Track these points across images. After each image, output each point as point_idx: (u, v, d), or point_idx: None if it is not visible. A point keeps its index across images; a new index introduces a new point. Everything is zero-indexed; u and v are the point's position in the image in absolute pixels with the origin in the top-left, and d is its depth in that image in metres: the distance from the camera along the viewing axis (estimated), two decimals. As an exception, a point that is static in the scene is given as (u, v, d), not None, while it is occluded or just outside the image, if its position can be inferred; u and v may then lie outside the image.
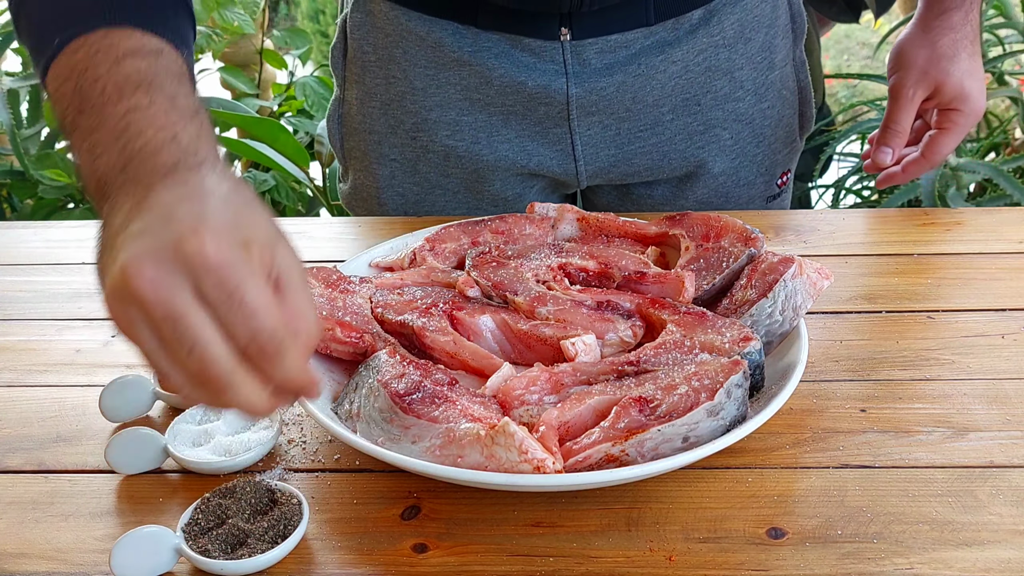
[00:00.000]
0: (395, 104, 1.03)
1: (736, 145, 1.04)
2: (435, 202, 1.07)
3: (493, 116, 1.01)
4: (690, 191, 1.07)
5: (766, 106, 1.04)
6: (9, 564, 0.58)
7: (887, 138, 1.00)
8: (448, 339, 0.70)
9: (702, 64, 0.99)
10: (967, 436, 0.66)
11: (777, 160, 1.09)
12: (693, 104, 1.01)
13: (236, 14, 1.97)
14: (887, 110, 1.01)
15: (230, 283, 0.48)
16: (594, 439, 0.58)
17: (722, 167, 1.05)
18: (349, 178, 1.12)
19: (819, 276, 0.72)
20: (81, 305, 0.90)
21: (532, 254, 0.80)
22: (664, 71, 0.98)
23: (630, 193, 1.08)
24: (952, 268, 0.91)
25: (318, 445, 0.68)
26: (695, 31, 0.98)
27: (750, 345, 0.64)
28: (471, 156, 1.02)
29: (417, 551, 0.58)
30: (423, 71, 1.00)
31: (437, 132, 1.02)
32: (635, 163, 1.03)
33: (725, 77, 1.01)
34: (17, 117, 2.12)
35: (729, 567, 0.56)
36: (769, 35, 1.02)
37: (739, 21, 0.99)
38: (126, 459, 0.65)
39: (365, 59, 1.03)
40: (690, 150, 1.03)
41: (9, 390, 0.77)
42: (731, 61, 1.00)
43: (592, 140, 1.01)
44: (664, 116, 1.01)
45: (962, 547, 0.56)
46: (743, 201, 1.08)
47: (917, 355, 0.76)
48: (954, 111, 0.97)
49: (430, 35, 0.98)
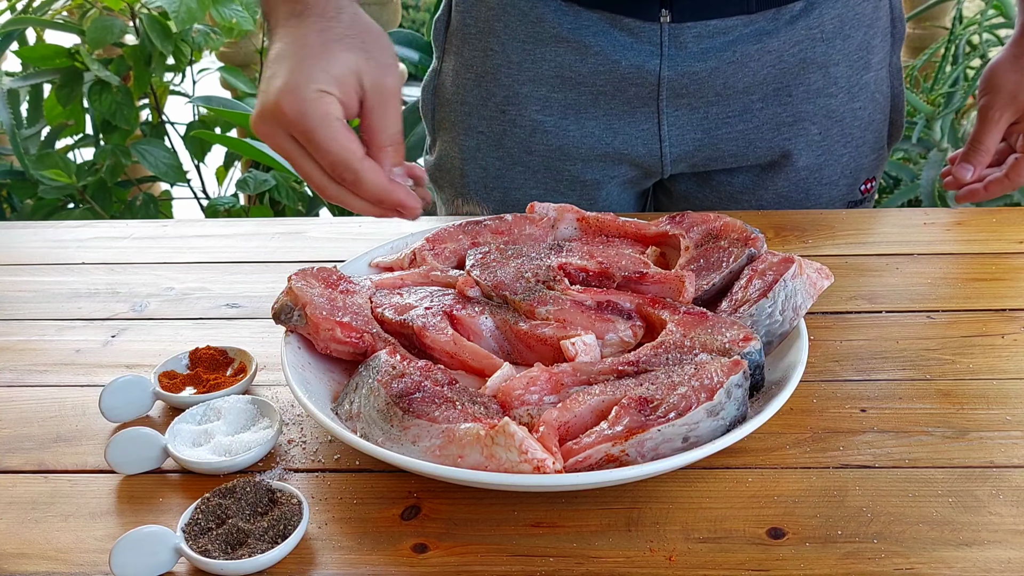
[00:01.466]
0: (489, 76, 1.05)
1: (823, 141, 1.05)
2: (515, 178, 1.08)
3: (583, 95, 1.02)
4: (771, 182, 1.07)
5: (857, 106, 1.05)
6: (9, 564, 0.58)
7: (971, 156, 1.02)
8: (448, 339, 0.70)
9: (797, 55, 1.00)
10: (967, 436, 0.66)
11: (863, 164, 1.09)
12: (784, 94, 1.02)
13: (235, 11, 1.97)
14: (974, 130, 1.02)
15: (305, 131, 0.69)
16: (594, 439, 0.58)
17: (806, 161, 1.05)
18: (436, 150, 1.14)
19: (819, 276, 0.72)
20: (81, 305, 0.90)
21: (532, 254, 0.79)
22: (758, 59, 0.99)
23: (710, 180, 1.09)
24: (952, 268, 0.91)
25: (318, 445, 0.68)
26: (794, 22, 0.98)
27: (750, 345, 0.64)
28: (557, 132, 1.04)
29: (417, 551, 0.58)
30: (521, 45, 1.02)
31: (527, 107, 1.04)
32: (720, 148, 1.04)
33: (819, 71, 1.01)
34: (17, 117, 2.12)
35: (729, 567, 0.56)
36: (868, 35, 1.03)
37: (839, 16, 1.00)
38: (126, 459, 0.65)
39: (466, 31, 1.05)
40: (776, 140, 1.04)
41: (9, 390, 0.77)
42: (827, 56, 1.01)
43: (679, 122, 1.02)
44: (754, 104, 1.02)
45: (962, 547, 0.56)
46: (824, 201, 1.09)
47: (917, 355, 0.76)
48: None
49: (533, 10, 1.00)
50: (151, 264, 0.99)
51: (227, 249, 1.02)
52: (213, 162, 2.32)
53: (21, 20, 2.12)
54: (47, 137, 2.18)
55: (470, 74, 1.06)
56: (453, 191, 1.13)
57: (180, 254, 1.01)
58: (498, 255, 0.80)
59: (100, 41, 1.94)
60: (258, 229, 1.07)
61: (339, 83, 0.70)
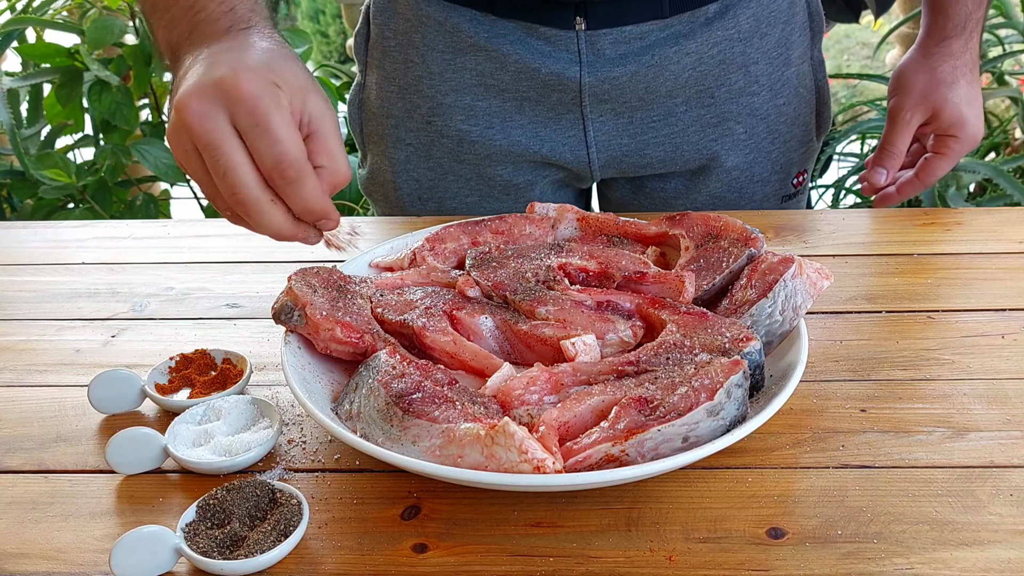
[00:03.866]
0: (412, 88, 1.04)
1: (750, 140, 1.05)
2: (447, 188, 1.08)
3: (507, 102, 1.02)
4: (703, 185, 1.07)
5: (781, 103, 1.05)
6: (9, 564, 0.58)
7: (883, 159, 1.03)
8: (448, 339, 0.70)
9: (716, 57, 1.00)
10: (967, 436, 0.66)
11: (792, 159, 1.09)
12: (707, 96, 1.02)
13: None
14: (884, 132, 1.03)
15: (259, 113, 0.59)
16: (594, 439, 0.58)
17: (736, 162, 1.05)
18: (367, 163, 1.14)
19: (819, 276, 0.72)
20: (81, 305, 0.90)
21: (532, 254, 0.80)
22: (678, 62, 0.99)
23: (644, 187, 1.09)
24: (952, 268, 0.91)
25: (318, 445, 0.68)
26: (710, 24, 0.99)
27: (750, 345, 0.64)
28: (484, 141, 1.04)
29: (417, 551, 0.58)
30: (440, 55, 1.02)
31: (452, 117, 1.03)
32: (648, 154, 1.04)
33: (740, 71, 1.01)
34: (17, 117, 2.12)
35: (729, 567, 0.56)
36: (786, 31, 1.03)
37: (755, 15, 1.00)
38: (126, 459, 0.65)
39: (386, 44, 1.05)
40: (703, 142, 1.04)
41: (9, 390, 0.77)
42: (746, 55, 1.01)
43: (604, 128, 1.02)
44: (677, 107, 1.02)
45: (962, 547, 0.56)
46: (757, 199, 1.09)
47: (917, 355, 0.76)
48: (951, 137, 0.99)
49: (448, 20, 1.00)
50: (151, 264, 0.99)
51: (227, 249, 1.02)
52: (213, 162, 2.32)
53: (21, 20, 2.12)
54: (47, 137, 2.18)
55: (393, 87, 1.06)
56: (387, 204, 1.13)
57: (180, 254, 1.01)
58: (498, 255, 0.80)
59: (100, 41, 1.94)
60: (258, 229, 1.07)
61: (291, 91, 0.62)
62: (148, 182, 2.30)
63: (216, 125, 0.60)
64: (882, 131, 1.05)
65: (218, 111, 0.60)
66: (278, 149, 0.60)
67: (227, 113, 0.60)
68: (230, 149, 0.60)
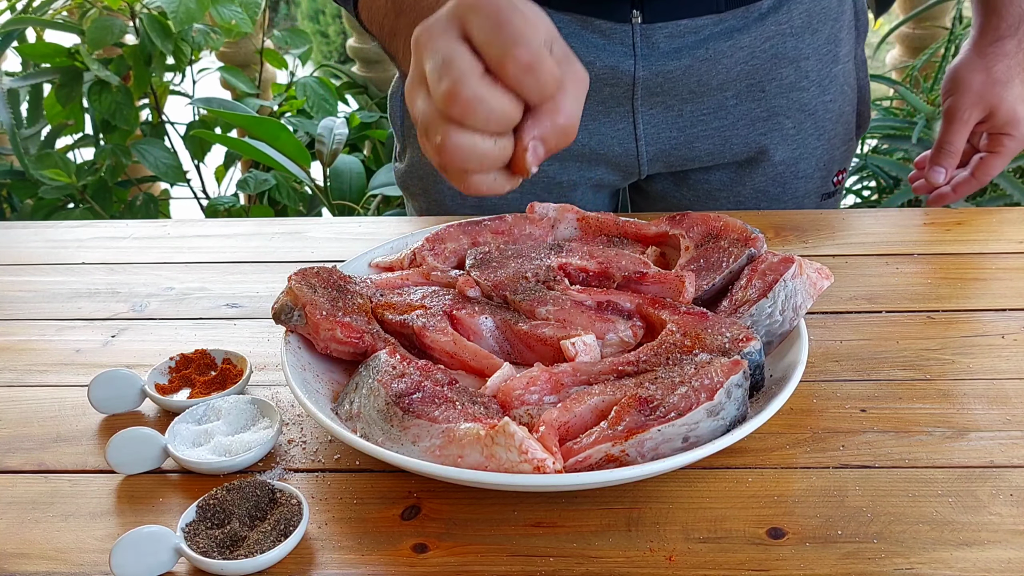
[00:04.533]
0: None
1: (798, 135, 1.06)
2: None
3: None
4: (748, 179, 1.08)
5: (828, 99, 1.06)
6: (9, 564, 0.58)
7: (941, 158, 1.04)
8: (448, 339, 0.70)
9: (768, 51, 1.01)
10: (967, 436, 0.66)
11: (835, 156, 1.10)
12: (757, 90, 1.02)
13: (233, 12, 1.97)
14: (941, 131, 1.04)
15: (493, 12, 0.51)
16: (594, 439, 0.58)
17: (783, 156, 1.06)
18: (406, 157, 1.13)
19: (819, 276, 0.72)
20: (81, 305, 0.90)
21: (532, 254, 0.79)
22: (731, 56, 0.99)
23: (687, 179, 1.09)
24: (952, 268, 0.91)
25: (318, 445, 0.68)
26: (764, 18, 0.99)
27: (750, 345, 0.64)
28: None
29: (417, 551, 0.58)
30: None
31: None
32: (697, 147, 1.05)
33: (791, 66, 1.02)
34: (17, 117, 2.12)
35: (729, 567, 0.56)
36: (835, 28, 1.04)
37: (807, 11, 1.01)
38: (126, 459, 0.65)
39: None
40: (752, 136, 1.05)
41: (9, 390, 0.77)
42: (797, 50, 1.02)
43: (654, 121, 1.03)
44: (728, 100, 1.02)
45: (962, 547, 0.56)
46: (800, 195, 1.10)
47: (917, 355, 0.76)
48: (1005, 135, 1.01)
49: None
50: (151, 264, 0.99)
51: (227, 249, 1.02)
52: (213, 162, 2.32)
53: (21, 20, 2.12)
54: (47, 137, 2.18)
55: None
56: (427, 198, 1.13)
57: (180, 254, 1.01)
58: (498, 255, 0.80)
59: (100, 41, 1.94)
60: (258, 229, 1.07)
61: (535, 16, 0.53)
62: (148, 182, 2.30)
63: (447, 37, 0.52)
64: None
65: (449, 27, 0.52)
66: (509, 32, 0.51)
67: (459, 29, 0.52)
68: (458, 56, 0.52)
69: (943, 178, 1.04)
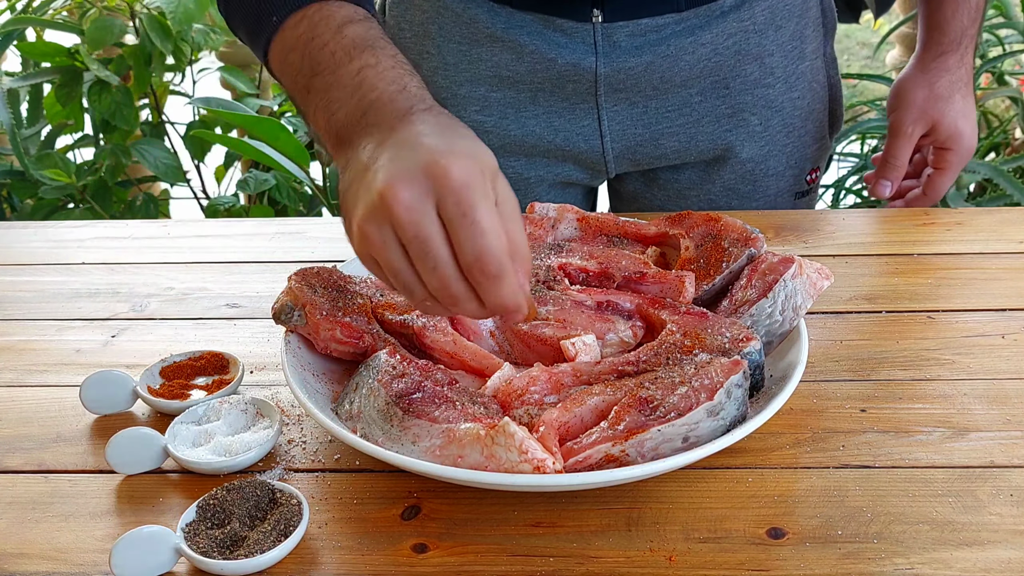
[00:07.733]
0: (427, 79, 1.04)
1: (765, 132, 1.06)
2: None
3: (522, 93, 1.03)
4: (717, 176, 1.08)
5: (796, 96, 1.06)
6: (9, 564, 0.58)
7: (886, 172, 1.07)
8: (448, 339, 0.70)
9: (732, 48, 1.01)
10: (967, 436, 0.66)
11: (806, 154, 1.10)
12: (722, 87, 1.02)
13: (234, 12, 1.97)
14: (887, 146, 1.07)
15: (467, 203, 0.54)
16: (594, 439, 0.58)
17: (750, 153, 1.06)
18: None
19: (819, 276, 0.72)
20: (81, 305, 0.90)
21: (532, 254, 0.79)
22: (693, 52, 1.00)
23: (657, 179, 1.09)
24: (952, 268, 0.91)
25: (318, 445, 0.68)
26: (725, 16, 0.99)
27: (750, 345, 0.64)
28: (498, 132, 1.04)
29: (417, 551, 0.58)
30: (456, 46, 1.02)
31: (466, 107, 1.04)
32: (663, 144, 1.05)
33: (755, 62, 1.02)
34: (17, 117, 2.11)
35: (729, 567, 0.56)
36: (800, 25, 1.04)
37: (770, 8, 1.01)
38: (126, 459, 0.65)
39: (401, 35, 1.06)
40: (718, 133, 1.05)
41: (9, 390, 0.77)
42: (761, 47, 1.02)
43: (619, 117, 1.03)
44: (693, 97, 1.02)
45: (962, 547, 0.56)
46: (771, 194, 1.10)
47: (917, 355, 0.76)
48: (948, 150, 1.04)
49: (466, 12, 1.01)
50: (151, 264, 0.99)
51: (227, 249, 1.02)
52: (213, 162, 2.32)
53: (21, 20, 2.12)
54: (47, 137, 2.18)
55: None
56: None
57: (180, 254, 1.01)
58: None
59: (100, 41, 1.94)
60: (258, 229, 1.07)
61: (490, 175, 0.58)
62: (148, 182, 2.30)
63: (425, 217, 0.55)
64: (882, 131, 1.07)
65: (426, 200, 0.55)
66: (482, 242, 0.55)
67: (434, 202, 0.55)
68: (441, 243, 0.55)
69: (888, 191, 1.07)
